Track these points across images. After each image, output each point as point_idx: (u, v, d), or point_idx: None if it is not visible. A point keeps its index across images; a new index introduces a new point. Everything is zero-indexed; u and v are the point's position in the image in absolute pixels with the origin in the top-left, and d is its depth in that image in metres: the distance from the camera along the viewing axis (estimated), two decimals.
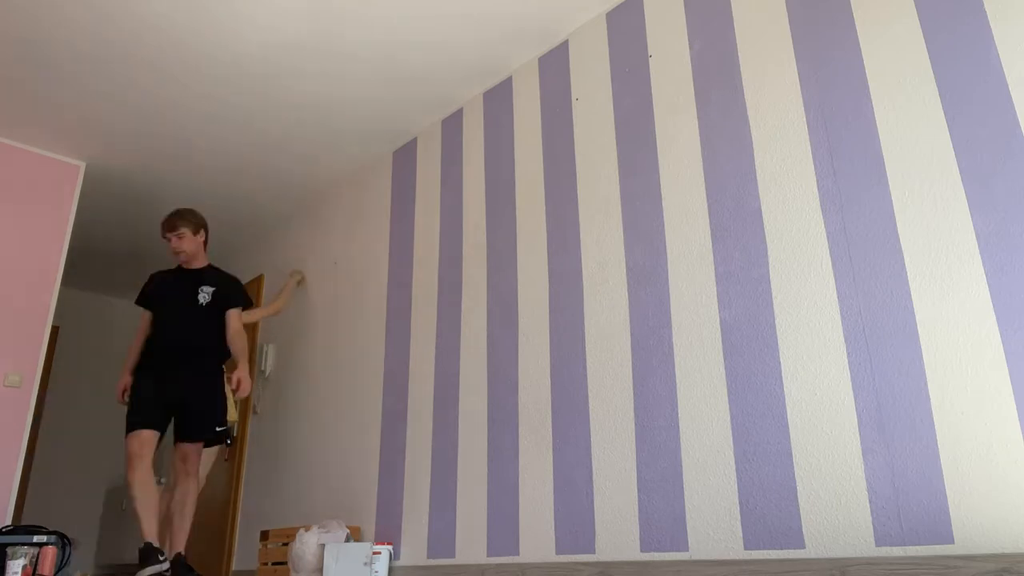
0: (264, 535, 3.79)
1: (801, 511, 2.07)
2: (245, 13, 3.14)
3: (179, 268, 3.81)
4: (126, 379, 3.61)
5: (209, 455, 4.04)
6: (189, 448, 3.56)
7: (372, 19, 3.20)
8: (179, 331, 3.62)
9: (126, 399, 3.55)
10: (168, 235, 3.73)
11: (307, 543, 3.17)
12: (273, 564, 3.59)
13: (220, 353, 3.73)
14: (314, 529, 3.24)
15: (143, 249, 5.46)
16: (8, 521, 3.61)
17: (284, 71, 3.53)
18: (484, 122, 3.61)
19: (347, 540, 3.28)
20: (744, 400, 2.28)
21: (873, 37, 2.24)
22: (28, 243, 4.01)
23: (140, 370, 3.60)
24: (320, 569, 3.12)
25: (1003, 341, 1.81)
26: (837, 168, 2.23)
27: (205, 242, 3.85)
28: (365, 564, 3.08)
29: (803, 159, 2.32)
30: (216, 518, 4.70)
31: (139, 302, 3.80)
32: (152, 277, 3.85)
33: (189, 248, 3.73)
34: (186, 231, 3.72)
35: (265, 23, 3.21)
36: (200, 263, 3.82)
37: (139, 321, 3.77)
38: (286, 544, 3.52)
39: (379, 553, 3.21)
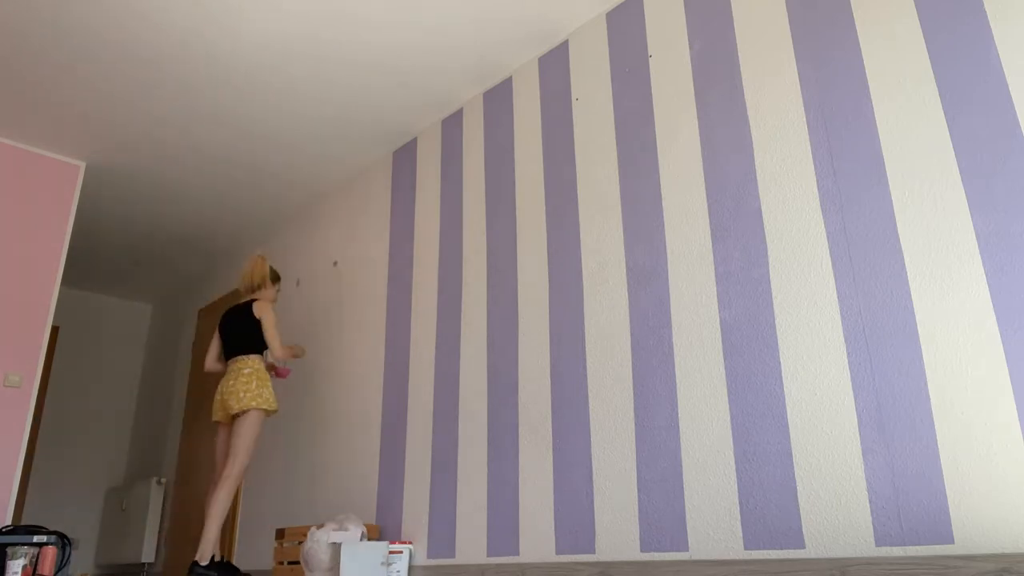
0: (280, 533, 3.76)
1: (801, 511, 2.07)
2: (245, 14, 3.15)
3: None
4: None
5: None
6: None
7: (372, 20, 3.20)
8: None
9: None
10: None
11: (319, 541, 3.14)
12: (289, 563, 3.55)
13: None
14: (327, 526, 3.21)
15: (143, 249, 5.46)
16: (8, 521, 3.61)
17: (284, 72, 3.53)
18: (484, 122, 3.61)
19: (362, 538, 3.23)
20: (744, 400, 2.28)
21: (873, 37, 2.24)
22: (28, 243, 4.01)
23: None
24: (332, 568, 3.09)
25: (1003, 341, 1.81)
26: (837, 168, 2.23)
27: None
28: (383, 564, 3.05)
29: (803, 159, 2.32)
30: None
31: None
32: None
33: None
34: None
35: (266, 24, 3.21)
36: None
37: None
38: (301, 543, 3.48)
39: (400, 552, 3.16)
